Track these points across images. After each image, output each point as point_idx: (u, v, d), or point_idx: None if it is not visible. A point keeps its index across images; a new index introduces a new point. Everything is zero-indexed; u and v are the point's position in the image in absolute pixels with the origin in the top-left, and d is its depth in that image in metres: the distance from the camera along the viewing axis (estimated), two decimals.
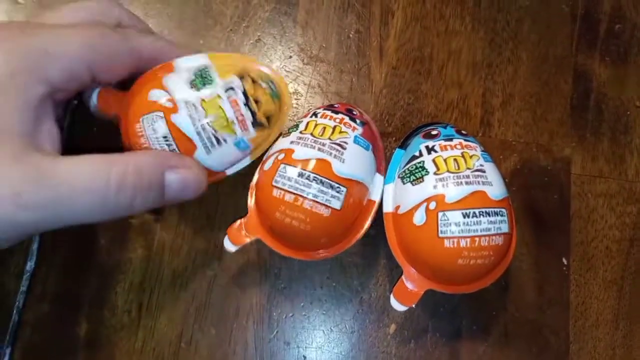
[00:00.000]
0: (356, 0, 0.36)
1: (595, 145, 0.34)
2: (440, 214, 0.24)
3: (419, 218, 0.25)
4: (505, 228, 0.24)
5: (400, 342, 0.30)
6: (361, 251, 0.31)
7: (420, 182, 0.25)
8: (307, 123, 0.27)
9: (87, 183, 0.20)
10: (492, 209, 0.24)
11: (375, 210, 0.27)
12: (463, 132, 0.28)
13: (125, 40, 0.24)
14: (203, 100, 0.24)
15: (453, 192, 0.24)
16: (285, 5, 0.35)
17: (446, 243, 0.24)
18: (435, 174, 0.25)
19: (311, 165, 0.25)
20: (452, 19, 0.36)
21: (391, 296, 0.26)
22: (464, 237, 0.23)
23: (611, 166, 0.34)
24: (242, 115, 0.25)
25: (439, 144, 0.26)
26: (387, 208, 0.28)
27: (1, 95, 0.20)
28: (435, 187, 0.25)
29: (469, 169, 0.25)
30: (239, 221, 0.27)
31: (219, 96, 0.25)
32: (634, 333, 0.31)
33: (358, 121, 0.28)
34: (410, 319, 0.30)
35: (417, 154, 0.27)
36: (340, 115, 0.27)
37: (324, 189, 0.24)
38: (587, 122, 0.34)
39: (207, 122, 0.24)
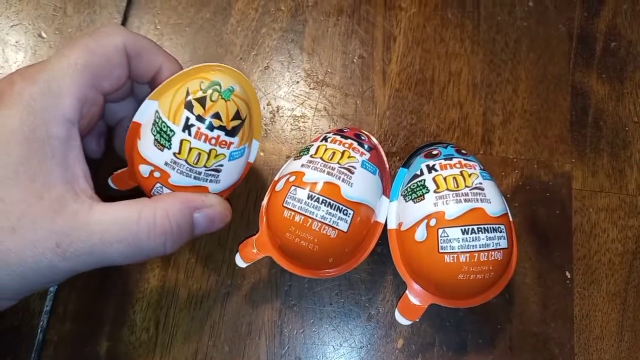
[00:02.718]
0: (359, 27, 0.37)
1: (595, 160, 0.35)
2: (440, 231, 0.25)
3: (420, 234, 0.26)
4: (504, 244, 0.25)
5: (407, 357, 0.31)
6: (368, 268, 0.32)
7: (421, 199, 0.27)
8: (318, 147, 0.28)
9: (117, 233, 0.21)
10: (491, 225, 0.25)
11: (380, 231, 0.29)
12: (463, 151, 0.29)
13: (111, 36, 0.24)
14: (176, 154, 0.24)
15: (452, 209, 0.25)
16: (292, 34, 0.37)
17: (446, 258, 0.25)
18: (435, 192, 0.26)
19: (320, 188, 0.26)
20: (452, 41, 0.37)
21: (396, 311, 0.27)
22: (464, 253, 0.24)
23: (612, 181, 0.35)
24: (214, 138, 0.25)
25: (439, 163, 0.28)
26: (391, 225, 0.29)
27: (33, 151, 0.20)
28: (435, 204, 0.26)
29: (467, 186, 0.26)
30: (250, 239, 0.29)
31: (185, 141, 0.24)
32: (639, 345, 0.31)
33: (366, 146, 0.29)
34: (417, 334, 0.31)
35: (418, 172, 0.28)
36: (349, 141, 0.29)
37: (332, 211, 0.26)
38: (586, 138, 0.35)
39: (197, 166, 0.25)
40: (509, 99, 0.36)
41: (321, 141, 0.29)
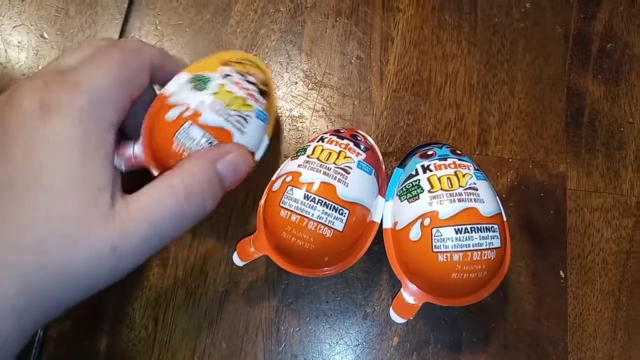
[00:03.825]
0: (357, 28, 0.38)
1: (590, 161, 0.35)
2: (434, 230, 0.25)
3: (414, 234, 0.26)
4: (497, 243, 0.26)
5: (402, 354, 0.31)
6: (365, 267, 0.33)
7: (416, 199, 0.27)
8: (314, 148, 0.29)
9: (162, 211, 0.21)
10: (484, 225, 0.25)
11: (376, 230, 0.29)
12: (458, 151, 0.29)
13: (141, 51, 0.25)
14: (214, 93, 0.26)
15: (446, 209, 0.26)
16: (291, 35, 0.38)
17: (440, 257, 0.25)
18: (429, 191, 0.27)
19: (316, 188, 0.26)
20: (449, 43, 0.38)
21: (391, 309, 0.27)
22: (457, 252, 0.25)
23: (606, 181, 0.35)
24: (248, 89, 0.28)
25: (434, 164, 0.28)
26: (387, 224, 0.29)
27: (87, 159, 0.20)
28: (429, 204, 0.26)
29: (461, 186, 0.26)
30: (247, 238, 0.29)
31: (222, 85, 0.27)
32: (632, 344, 0.32)
33: (362, 146, 0.29)
34: (412, 332, 0.32)
35: (413, 172, 0.28)
36: (345, 141, 0.29)
37: (328, 210, 0.26)
38: (581, 139, 0.36)
39: (228, 107, 0.26)
40: (505, 100, 0.36)
41: (318, 141, 0.29)
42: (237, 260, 0.29)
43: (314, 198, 0.26)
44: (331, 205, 0.26)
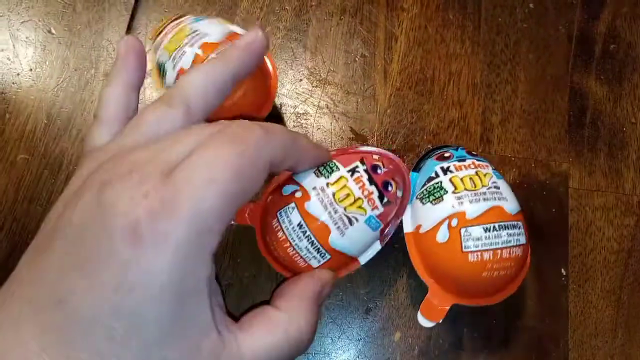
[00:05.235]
0: (362, 27, 0.38)
1: (592, 160, 0.35)
2: (462, 230, 0.26)
3: (441, 235, 0.26)
4: (522, 239, 0.26)
5: (404, 349, 0.31)
6: (368, 262, 0.33)
7: (440, 201, 0.27)
8: (339, 178, 0.26)
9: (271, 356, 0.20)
10: (510, 223, 0.26)
11: (355, 268, 0.28)
12: (473, 152, 0.30)
13: (262, 149, 0.19)
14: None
15: (472, 208, 0.26)
16: (296, 33, 0.38)
17: (470, 257, 0.25)
18: (453, 192, 0.27)
19: (313, 225, 0.25)
20: (453, 42, 0.38)
21: (418, 314, 0.27)
22: (487, 251, 0.25)
23: (608, 180, 0.35)
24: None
25: (454, 165, 0.28)
26: (407, 228, 0.29)
27: (183, 303, 0.17)
28: (454, 205, 0.26)
29: (484, 186, 0.27)
30: (247, 207, 0.29)
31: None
32: (632, 342, 0.32)
33: (385, 200, 0.27)
34: (414, 327, 0.32)
35: (433, 175, 0.28)
36: (372, 188, 0.26)
37: (311, 249, 0.25)
38: (584, 138, 0.36)
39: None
40: (508, 99, 0.37)
41: (348, 171, 0.26)
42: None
43: (305, 231, 0.25)
44: (317, 246, 0.25)
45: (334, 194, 0.25)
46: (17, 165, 0.34)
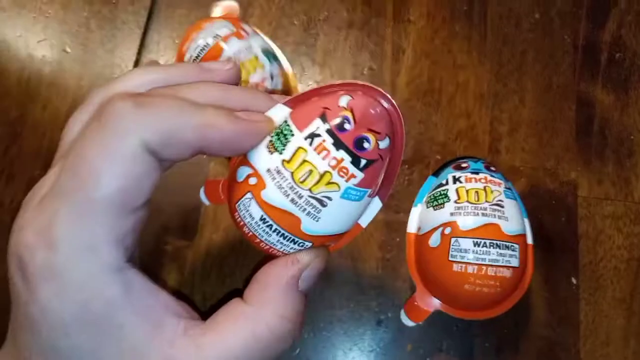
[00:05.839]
0: (369, 40, 0.39)
1: (600, 168, 0.36)
2: (453, 239, 0.26)
3: (434, 240, 0.27)
4: (514, 262, 0.26)
5: None
6: (379, 274, 0.33)
7: (441, 207, 0.28)
8: (297, 150, 0.19)
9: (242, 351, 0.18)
10: (504, 242, 0.26)
11: (357, 233, 0.22)
12: (492, 168, 0.30)
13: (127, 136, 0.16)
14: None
15: (468, 221, 0.26)
16: (305, 47, 0.39)
17: (455, 267, 0.26)
18: (455, 202, 0.27)
19: (275, 216, 0.19)
20: (460, 53, 0.38)
21: (402, 312, 0.28)
22: (472, 264, 0.25)
23: (617, 189, 0.35)
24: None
25: (465, 176, 0.29)
26: (411, 229, 0.30)
27: (101, 332, 0.16)
28: (452, 214, 0.27)
29: (487, 202, 0.27)
30: (217, 182, 0.24)
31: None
32: None
33: (363, 163, 0.19)
34: (425, 338, 0.32)
35: (444, 182, 0.29)
36: (341, 154, 0.19)
37: (285, 242, 0.20)
38: (591, 147, 0.36)
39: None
40: (515, 109, 0.37)
41: (306, 138, 0.19)
42: (203, 197, 0.25)
43: (271, 225, 0.20)
44: (290, 237, 0.20)
45: (292, 175, 0.19)
46: (35, 181, 0.35)
